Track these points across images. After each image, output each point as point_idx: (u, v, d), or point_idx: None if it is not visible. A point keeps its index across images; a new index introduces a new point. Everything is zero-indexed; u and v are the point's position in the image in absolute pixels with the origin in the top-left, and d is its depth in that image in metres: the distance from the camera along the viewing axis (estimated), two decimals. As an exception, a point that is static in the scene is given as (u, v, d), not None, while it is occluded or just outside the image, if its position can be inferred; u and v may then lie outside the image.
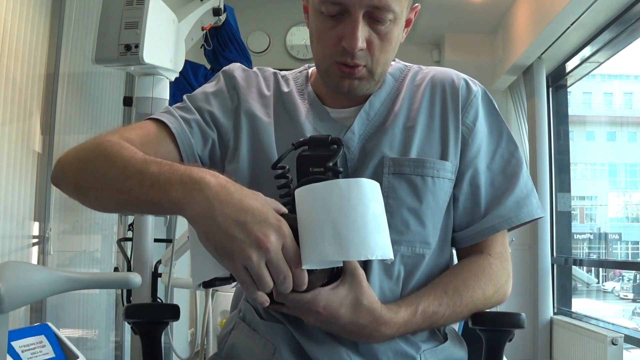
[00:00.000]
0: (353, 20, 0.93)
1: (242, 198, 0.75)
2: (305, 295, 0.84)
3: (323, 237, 0.74)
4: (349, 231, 0.74)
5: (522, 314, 1.00)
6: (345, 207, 0.75)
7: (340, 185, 0.77)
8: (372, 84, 1.02)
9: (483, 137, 1.05)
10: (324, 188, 0.77)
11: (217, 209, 0.74)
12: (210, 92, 1.08)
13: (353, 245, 0.74)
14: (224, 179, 0.78)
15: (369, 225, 0.76)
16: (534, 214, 1.05)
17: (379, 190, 0.81)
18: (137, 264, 2.09)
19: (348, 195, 0.76)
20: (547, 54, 4.10)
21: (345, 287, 0.87)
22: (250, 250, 0.73)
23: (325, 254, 0.74)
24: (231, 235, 0.73)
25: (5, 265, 0.85)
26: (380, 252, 0.76)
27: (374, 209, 0.77)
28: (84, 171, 0.89)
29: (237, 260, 0.73)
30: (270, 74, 1.13)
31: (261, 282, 0.74)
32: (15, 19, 2.12)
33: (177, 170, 0.79)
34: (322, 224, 0.75)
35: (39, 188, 2.31)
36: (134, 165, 0.83)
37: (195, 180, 0.77)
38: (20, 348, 1.62)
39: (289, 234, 0.75)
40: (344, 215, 0.75)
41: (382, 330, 0.90)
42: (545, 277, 4.19)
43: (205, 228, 0.75)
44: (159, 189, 0.78)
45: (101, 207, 0.91)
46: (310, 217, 0.76)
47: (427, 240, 1.00)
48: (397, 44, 1.00)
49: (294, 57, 5.00)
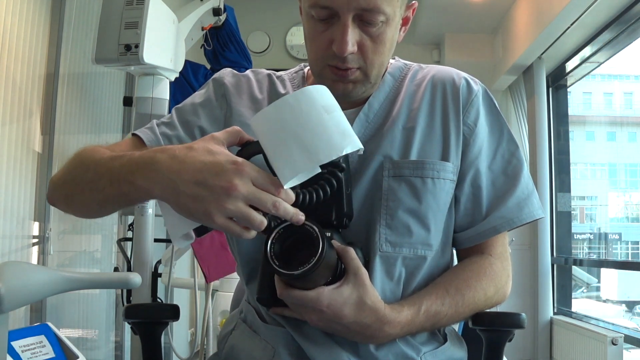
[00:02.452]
0: (342, 24, 0.92)
1: (194, 159, 0.76)
2: (309, 293, 0.84)
3: (290, 153, 0.75)
4: (312, 138, 0.76)
5: (522, 314, 1.00)
6: (300, 118, 0.77)
7: (289, 100, 0.78)
8: (367, 87, 1.01)
9: (484, 137, 1.05)
10: (275, 108, 0.78)
11: (175, 180, 0.75)
12: (199, 103, 1.08)
13: (320, 149, 0.76)
14: (171, 149, 0.79)
15: (328, 126, 0.77)
16: (535, 215, 1.04)
17: (328, 92, 0.82)
18: (137, 264, 2.09)
19: (299, 107, 0.77)
20: (547, 54, 4.10)
21: (349, 286, 0.87)
22: (223, 201, 0.73)
23: (297, 166, 0.75)
24: (198, 196, 0.74)
25: (5, 265, 0.85)
26: (349, 146, 0.77)
27: (328, 110, 0.78)
28: (67, 181, 0.94)
29: (216, 216, 0.74)
30: (264, 76, 1.12)
31: (252, 222, 0.75)
32: (15, 19, 2.12)
33: (133, 159, 0.81)
34: (285, 141, 0.76)
35: (39, 188, 2.32)
36: (103, 165, 0.86)
37: (147, 162, 0.79)
38: (20, 348, 1.62)
39: (251, 169, 0.75)
40: (302, 126, 0.76)
41: (385, 330, 0.90)
42: (545, 277, 4.19)
43: (174, 201, 0.77)
44: (124, 181, 0.81)
45: (87, 211, 0.95)
46: (272, 140, 0.77)
47: (429, 242, 0.99)
48: (392, 44, 0.99)
49: (294, 57, 4.99)
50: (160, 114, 2.07)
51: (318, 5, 0.93)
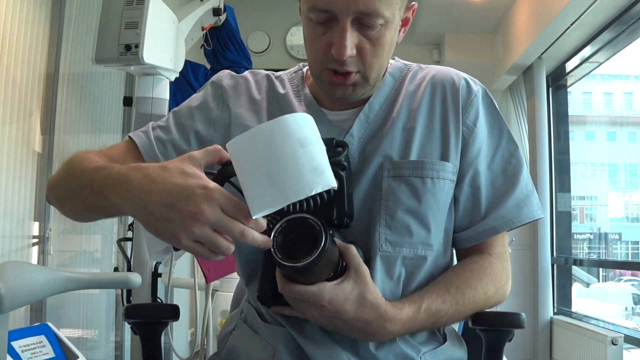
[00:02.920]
0: (341, 28, 0.92)
1: (165, 180, 0.76)
2: (311, 288, 0.84)
3: (260, 186, 0.73)
4: (282, 174, 0.73)
5: (522, 314, 1.01)
6: (273, 150, 0.73)
7: (263, 129, 0.75)
8: (367, 89, 1.01)
9: (484, 137, 1.05)
10: (249, 135, 0.75)
11: (145, 200, 0.76)
12: (195, 107, 1.08)
13: (289, 187, 0.73)
14: (146, 168, 0.78)
15: (300, 162, 0.74)
16: (534, 215, 1.04)
17: (308, 121, 0.78)
18: (137, 264, 2.09)
19: (272, 138, 0.74)
20: (547, 54, 4.10)
21: (350, 282, 0.87)
22: (189, 225, 0.73)
23: (268, 202, 0.73)
24: (166, 218, 0.74)
25: (5, 265, 0.85)
26: (320, 185, 0.74)
27: (303, 143, 0.75)
28: (59, 186, 0.96)
29: (182, 239, 0.74)
30: (263, 77, 1.12)
31: (217, 247, 0.75)
32: (15, 19, 2.12)
33: (111, 173, 0.82)
34: (257, 173, 0.74)
35: (39, 188, 2.32)
36: (88, 175, 0.87)
37: (121, 179, 0.79)
38: (20, 348, 1.62)
39: (220, 196, 0.74)
40: (274, 159, 0.73)
41: (387, 326, 0.90)
42: (545, 277, 4.19)
43: (143, 220, 0.77)
44: (101, 194, 0.82)
45: (75, 217, 0.97)
46: (244, 168, 0.75)
47: (430, 242, 1.00)
48: (391, 46, 0.99)
49: (294, 57, 4.99)
50: (160, 114, 2.07)
51: (317, 9, 0.93)
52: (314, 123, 0.80)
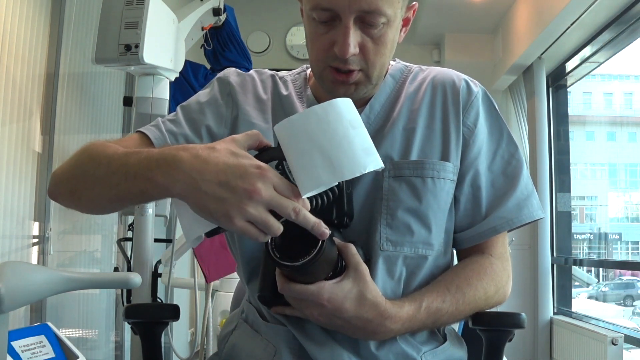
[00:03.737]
0: (344, 26, 0.92)
1: (217, 160, 0.75)
2: (310, 287, 0.85)
3: (314, 165, 0.75)
4: (337, 153, 0.75)
5: (522, 314, 1.01)
6: (327, 130, 0.76)
7: (317, 111, 0.77)
8: (369, 88, 1.01)
9: (484, 138, 1.05)
10: (301, 117, 0.77)
11: (198, 180, 0.74)
12: (205, 102, 1.08)
13: (345, 165, 0.75)
14: (194, 148, 0.78)
15: (354, 142, 0.76)
16: (535, 215, 1.05)
17: (353, 106, 0.81)
18: (137, 264, 2.09)
19: (327, 119, 0.76)
20: (547, 54, 4.11)
21: (349, 281, 0.88)
22: (244, 204, 0.73)
23: (320, 180, 0.75)
24: (220, 197, 0.73)
25: (5, 265, 0.85)
26: (372, 164, 0.77)
27: (354, 126, 0.78)
28: (75, 176, 0.91)
29: (236, 219, 0.73)
30: (268, 77, 1.12)
31: (269, 228, 0.74)
32: (15, 19, 2.12)
33: (153, 155, 0.80)
34: (310, 153, 0.75)
35: (39, 188, 2.31)
36: (117, 160, 0.84)
37: (169, 160, 0.77)
38: (20, 348, 1.62)
39: (273, 175, 0.75)
40: (329, 139, 0.75)
41: (387, 325, 0.90)
42: (545, 277, 4.20)
43: (194, 201, 0.76)
44: (142, 177, 0.79)
45: (96, 208, 0.93)
46: (296, 149, 0.76)
47: (430, 241, 1.00)
48: (393, 45, 0.99)
49: (294, 57, 4.99)
50: (160, 114, 2.07)
51: (319, 8, 0.93)
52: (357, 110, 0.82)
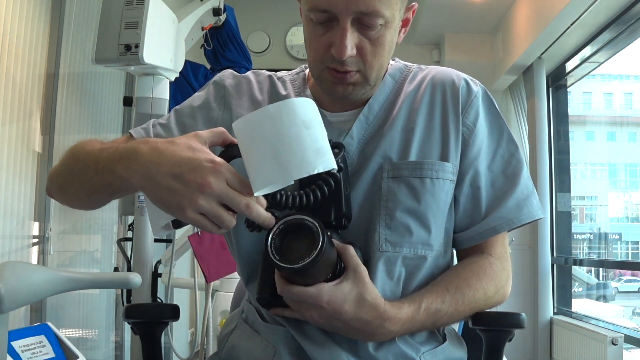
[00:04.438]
0: (341, 28, 0.92)
1: (174, 153, 0.78)
2: (309, 289, 0.85)
3: (265, 164, 0.76)
4: (286, 153, 0.76)
5: (522, 314, 1.00)
6: (278, 130, 0.77)
7: (270, 110, 0.78)
8: (367, 89, 1.01)
9: (483, 138, 1.05)
10: (256, 116, 0.78)
11: (153, 171, 0.77)
12: (196, 106, 1.09)
13: (293, 165, 0.76)
14: (154, 142, 0.81)
15: (305, 143, 0.77)
16: (535, 215, 1.04)
17: (312, 106, 0.81)
18: (137, 264, 2.10)
19: (279, 118, 0.77)
20: (547, 54, 4.10)
21: (348, 283, 0.87)
22: (195, 197, 0.75)
23: (270, 179, 0.76)
24: (173, 189, 0.76)
25: (5, 265, 0.85)
26: (322, 165, 0.77)
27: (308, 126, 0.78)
28: (62, 173, 0.97)
29: (187, 210, 0.75)
30: (265, 77, 1.13)
31: (221, 220, 0.76)
32: (15, 19, 2.12)
33: (118, 149, 0.83)
34: (262, 151, 0.77)
35: (39, 188, 2.32)
36: (92, 155, 0.88)
37: (130, 152, 0.81)
38: (20, 348, 1.62)
39: (227, 170, 0.76)
40: (279, 139, 0.76)
41: (386, 326, 0.90)
42: (545, 277, 4.19)
43: (150, 191, 0.78)
44: (108, 170, 0.83)
45: (79, 202, 0.98)
46: (249, 147, 0.78)
47: (430, 242, 1.00)
48: (391, 46, 0.99)
49: (294, 57, 4.99)
50: (160, 114, 2.07)
51: (317, 9, 0.93)
52: (317, 109, 0.82)
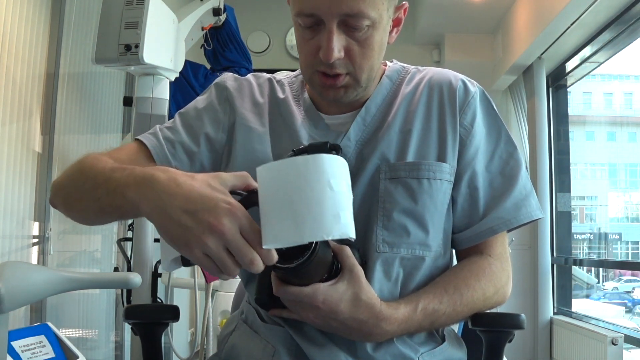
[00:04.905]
0: (327, 31, 0.93)
1: (192, 188, 0.74)
2: (305, 289, 0.85)
3: (280, 218, 0.72)
4: (305, 212, 0.71)
5: (522, 315, 1.00)
6: (302, 185, 0.72)
7: (298, 162, 0.73)
8: (359, 91, 1.01)
9: (481, 138, 1.05)
10: (283, 165, 0.74)
11: (166, 202, 0.74)
12: (202, 108, 1.08)
13: (308, 227, 0.71)
14: (174, 172, 0.77)
15: (325, 204, 0.72)
16: (533, 215, 1.04)
17: (343, 167, 0.77)
18: (137, 264, 2.09)
19: (306, 173, 0.73)
20: (547, 54, 4.10)
21: (344, 283, 0.87)
22: (205, 237, 0.71)
23: (282, 235, 0.72)
24: (183, 225, 0.72)
25: (5, 265, 0.85)
26: (338, 232, 0.73)
27: (334, 187, 0.73)
28: (68, 187, 0.94)
29: (194, 249, 0.72)
30: (265, 80, 1.13)
31: (224, 267, 0.73)
32: (15, 19, 2.12)
33: (134, 173, 0.80)
34: (280, 204, 0.72)
35: (39, 188, 2.32)
36: (103, 174, 0.85)
37: (146, 178, 0.77)
38: (20, 348, 1.62)
39: (243, 215, 0.73)
40: (300, 195, 0.72)
41: (382, 326, 0.90)
42: (545, 277, 4.20)
43: (159, 222, 0.75)
44: (119, 193, 0.80)
45: (85, 219, 0.95)
46: (269, 196, 0.73)
47: (428, 242, 1.00)
48: (381, 47, 0.99)
49: (294, 57, 4.99)
50: (160, 114, 2.07)
51: (303, 14, 0.94)
52: (348, 170, 0.78)
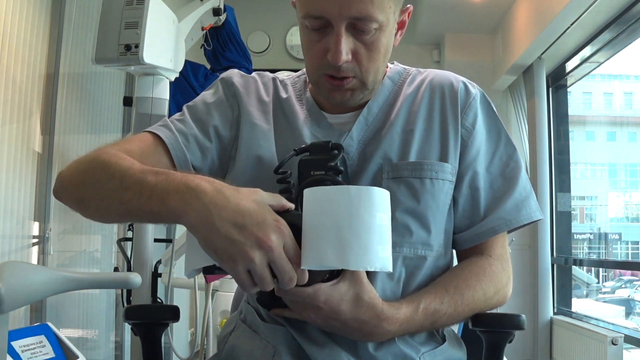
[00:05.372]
0: (336, 34, 0.93)
1: (239, 202, 0.75)
2: (307, 290, 0.84)
3: (325, 242, 0.73)
4: (352, 240, 0.73)
5: (522, 316, 1.00)
6: (352, 214, 0.74)
7: (351, 192, 0.76)
8: (365, 93, 1.02)
9: (482, 140, 1.06)
10: (334, 192, 0.76)
11: (214, 215, 0.74)
12: (211, 103, 1.08)
13: (353, 255, 0.74)
14: (219, 184, 0.77)
15: (373, 236, 0.75)
16: (533, 216, 1.05)
17: (388, 201, 0.80)
18: (137, 264, 2.09)
19: (357, 203, 0.75)
20: (547, 54, 4.10)
21: (345, 283, 0.87)
22: (252, 252, 0.72)
23: (325, 259, 0.74)
24: (231, 239, 0.73)
25: (5, 265, 0.85)
26: (380, 264, 0.76)
27: (380, 220, 0.76)
28: (85, 183, 0.90)
29: (239, 264, 0.73)
30: (269, 79, 1.13)
31: (263, 283, 0.75)
32: (15, 19, 2.12)
33: (174, 179, 0.79)
34: (326, 229, 0.74)
35: (39, 188, 2.32)
36: (132, 176, 0.83)
37: (191, 187, 0.76)
38: (20, 348, 1.62)
39: (288, 234, 0.75)
40: (349, 223, 0.74)
41: (384, 326, 0.90)
42: (545, 277, 4.19)
43: (204, 234, 0.75)
44: (157, 199, 0.78)
45: (102, 218, 0.92)
46: (315, 219, 0.75)
47: (429, 242, 1.00)
48: (387, 50, 0.99)
49: (294, 57, 4.99)
50: (160, 114, 2.07)
51: (311, 16, 0.93)
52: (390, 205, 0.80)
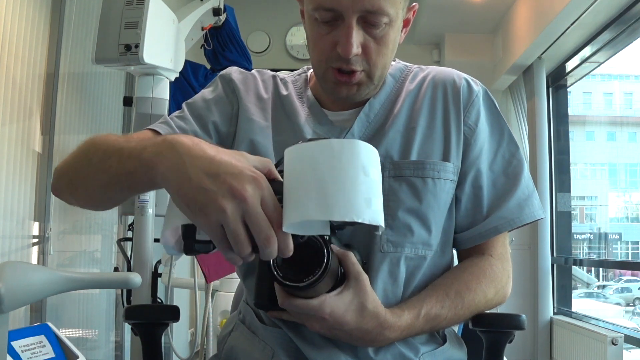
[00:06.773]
0: (347, 26, 0.92)
1: (216, 154, 0.69)
2: (312, 302, 0.83)
3: (307, 196, 0.67)
4: (335, 191, 0.67)
5: (522, 316, 1.00)
6: (334, 166, 0.69)
7: (333, 144, 0.70)
8: (371, 88, 1.01)
9: (485, 138, 1.05)
10: (315, 146, 0.70)
11: (187, 163, 0.68)
12: (211, 99, 1.08)
13: (338, 206, 0.67)
14: (200, 140, 0.72)
15: (359, 187, 0.69)
16: (536, 215, 1.04)
17: (376, 156, 0.74)
18: (137, 264, 2.09)
19: (339, 155, 0.69)
20: (547, 54, 4.10)
21: (350, 292, 0.86)
22: (224, 201, 0.65)
23: (308, 212, 0.67)
24: (203, 187, 0.66)
25: (5, 265, 0.85)
26: (369, 216, 0.68)
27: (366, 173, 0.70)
28: (74, 166, 0.89)
29: (211, 215, 0.65)
30: (269, 77, 1.13)
31: (237, 241, 0.66)
32: (15, 19, 2.12)
33: (154, 139, 0.75)
34: (308, 182, 0.68)
35: (39, 188, 2.31)
36: (115, 145, 0.80)
37: (168, 140, 0.72)
38: (20, 348, 1.62)
39: (267, 188, 0.67)
40: (333, 175, 0.68)
41: (386, 334, 0.90)
42: (545, 277, 4.20)
43: (175, 183, 0.69)
44: (134, 157, 0.75)
45: (90, 198, 0.89)
46: (296, 176, 0.69)
47: (430, 242, 1.00)
48: (394, 46, 0.99)
49: (294, 57, 4.99)
50: (160, 114, 2.07)
51: (322, 8, 0.93)
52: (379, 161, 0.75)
